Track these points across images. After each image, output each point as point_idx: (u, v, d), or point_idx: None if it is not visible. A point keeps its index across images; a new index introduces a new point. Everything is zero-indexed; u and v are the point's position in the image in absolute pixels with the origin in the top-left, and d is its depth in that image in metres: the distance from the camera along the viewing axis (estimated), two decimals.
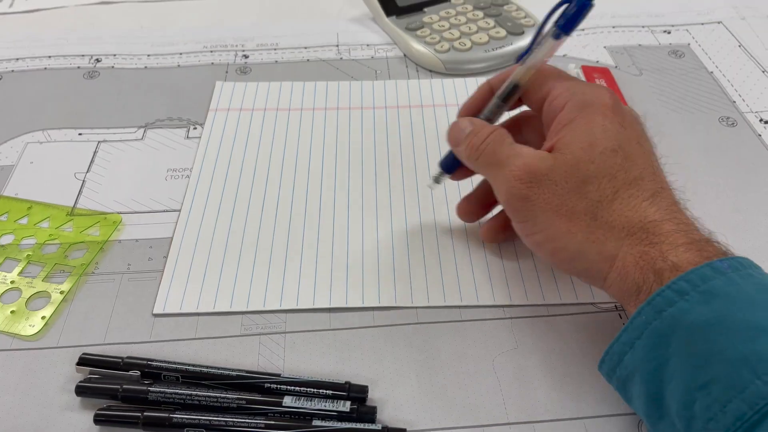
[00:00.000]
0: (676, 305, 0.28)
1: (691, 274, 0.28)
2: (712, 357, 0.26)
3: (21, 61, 0.59)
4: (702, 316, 0.27)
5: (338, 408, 0.33)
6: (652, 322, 0.28)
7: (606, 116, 0.33)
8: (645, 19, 0.63)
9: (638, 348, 0.29)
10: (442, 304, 0.39)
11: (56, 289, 0.40)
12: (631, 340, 0.29)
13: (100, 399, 0.34)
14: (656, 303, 0.28)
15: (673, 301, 0.28)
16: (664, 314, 0.28)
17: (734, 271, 0.28)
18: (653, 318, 0.28)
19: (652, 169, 0.33)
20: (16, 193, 0.46)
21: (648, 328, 0.28)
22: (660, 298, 0.28)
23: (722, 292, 0.27)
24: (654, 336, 0.28)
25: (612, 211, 0.32)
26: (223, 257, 0.42)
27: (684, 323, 0.27)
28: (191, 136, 0.51)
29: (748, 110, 0.53)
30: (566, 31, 0.33)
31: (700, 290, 0.27)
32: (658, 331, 0.28)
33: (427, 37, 0.58)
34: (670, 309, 0.28)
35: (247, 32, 0.63)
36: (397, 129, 0.51)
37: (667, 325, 0.28)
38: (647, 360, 0.28)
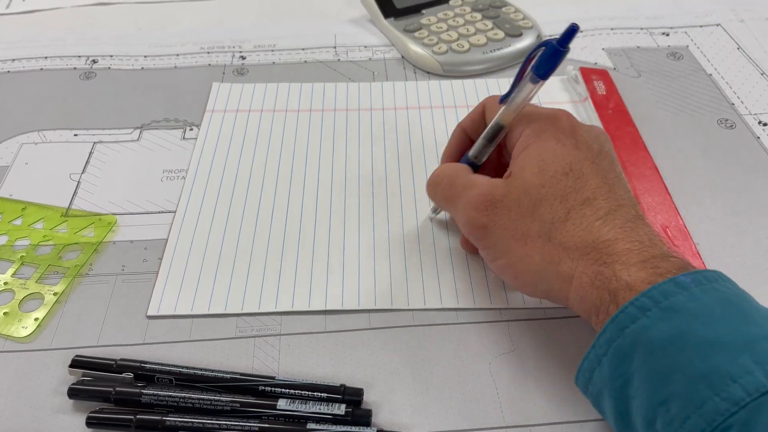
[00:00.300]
0: (638, 322, 0.27)
1: (653, 290, 0.28)
2: (672, 373, 0.26)
3: (17, 61, 0.59)
4: (662, 333, 0.27)
5: (333, 411, 0.33)
6: (616, 339, 0.28)
7: (558, 139, 0.34)
8: (643, 21, 0.63)
9: (605, 365, 0.29)
10: (438, 307, 0.39)
11: (50, 291, 0.40)
12: (599, 357, 0.29)
13: (92, 401, 0.34)
14: (619, 320, 0.28)
15: (635, 318, 0.28)
16: (627, 331, 0.28)
17: (697, 285, 0.28)
18: (617, 335, 0.28)
19: (608, 187, 0.33)
20: (10, 194, 0.46)
21: (612, 345, 0.28)
22: (623, 315, 0.28)
23: (683, 308, 0.27)
24: (618, 353, 0.28)
25: (565, 232, 0.32)
26: (218, 259, 0.42)
27: (645, 340, 0.27)
28: (187, 137, 0.51)
29: (746, 112, 0.52)
30: (542, 77, 0.34)
31: (661, 306, 0.27)
32: (621, 348, 0.28)
33: (424, 38, 0.58)
34: (632, 326, 0.28)
35: (245, 33, 0.63)
36: (395, 131, 0.51)
37: (629, 342, 0.28)
38: (613, 377, 0.28)
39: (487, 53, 0.57)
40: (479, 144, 0.38)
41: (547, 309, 0.39)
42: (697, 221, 0.44)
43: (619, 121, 0.50)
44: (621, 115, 0.51)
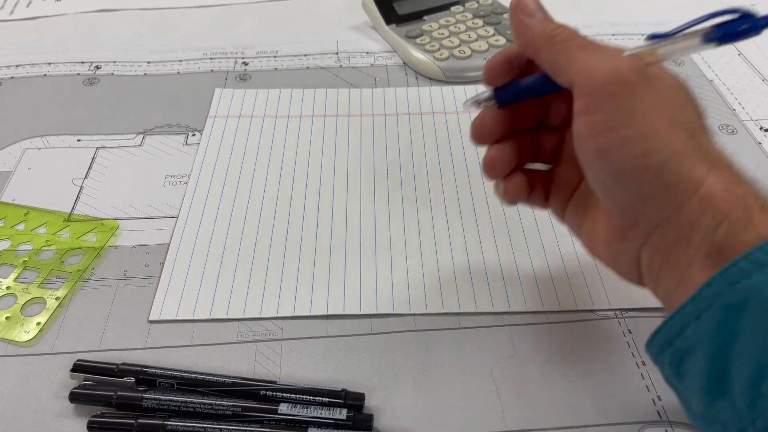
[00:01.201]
0: (753, 277, 0.25)
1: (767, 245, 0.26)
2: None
3: (21, 67, 0.59)
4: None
5: (334, 416, 0.33)
6: (724, 294, 0.26)
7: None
8: (645, 28, 0.63)
9: (705, 320, 0.26)
10: (440, 311, 0.39)
11: (52, 295, 0.40)
12: (698, 311, 0.27)
13: (94, 406, 0.34)
14: (730, 274, 0.26)
15: (749, 273, 0.25)
16: (738, 287, 0.25)
17: None
18: (725, 290, 0.26)
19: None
20: (13, 199, 0.46)
21: (719, 299, 0.26)
22: (734, 269, 0.26)
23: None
24: (725, 309, 0.26)
25: (703, 139, 0.29)
26: (220, 264, 0.42)
27: (760, 298, 0.25)
28: (190, 142, 0.51)
29: (748, 118, 0.52)
30: (721, 41, 0.29)
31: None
32: (730, 304, 0.26)
33: (426, 44, 0.59)
34: (745, 281, 0.25)
35: (247, 40, 0.63)
36: (396, 136, 0.51)
37: (742, 299, 0.25)
38: (715, 334, 0.26)
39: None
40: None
41: (549, 314, 0.39)
42: None
43: None
44: None
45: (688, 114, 0.29)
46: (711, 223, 0.27)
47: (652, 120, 0.28)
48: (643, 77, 0.29)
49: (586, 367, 0.36)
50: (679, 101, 0.30)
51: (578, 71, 0.30)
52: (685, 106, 0.30)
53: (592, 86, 0.29)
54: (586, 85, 0.29)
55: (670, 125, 0.28)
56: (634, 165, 0.28)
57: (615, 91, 0.29)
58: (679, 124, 0.29)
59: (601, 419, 0.34)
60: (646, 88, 0.29)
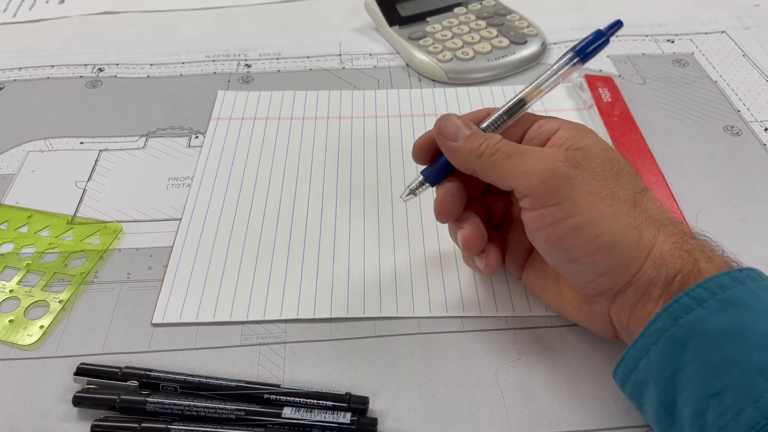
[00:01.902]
0: (694, 313, 0.28)
1: (709, 282, 0.28)
2: (728, 366, 0.26)
3: (24, 70, 0.59)
4: (719, 325, 0.27)
5: (338, 419, 0.33)
6: (669, 329, 0.28)
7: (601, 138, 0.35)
8: (648, 29, 0.63)
9: (653, 354, 0.28)
10: (444, 315, 0.39)
11: (55, 298, 0.40)
12: (647, 345, 0.29)
13: (97, 409, 0.34)
14: (674, 310, 0.28)
15: (690, 309, 0.28)
16: (681, 321, 0.28)
17: (753, 281, 0.28)
18: (670, 324, 0.28)
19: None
20: (16, 202, 0.46)
21: (664, 334, 0.28)
22: (677, 304, 0.28)
23: (740, 301, 0.27)
24: (670, 342, 0.28)
25: (646, 203, 0.32)
26: (223, 266, 0.42)
27: (701, 331, 0.27)
28: (193, 144, 0.51)
29: (752, 119, 0.52)
30: (582, 59, 0.35)
31: (718, 298, 0.27)
32: (674, 338, 0.28)
33: (429, 46, 0.58)
34: (687, 316, 0.28)
35: (250, 42, 0.63)
36: (400, 138, 0.51)
37: (684, 333, 0.28)
38: (662, 366, 0.28)
39: (492, 61, 0.57)
40: (496, 117, 0.36)
41: (553, 317, 0.38)
42: (704, 228, 0.43)
43: (624, 128, 0.50)
44: (626, 122, 0.51)
45: (624, 183, 0.32)
46: (666, 279, 0.29)
47: (593, 203, 0.31)
48: (574, 167, 0.31)
49: (591, 370, 0.36)
50: (612, 174, 0.32)
51: (515, 179, 0.32)
52: (620, 177, 0.32)
53: (531, 189, 0.32)
54: (526, 189, 0.32)
55: (612, 203, 0.31)
56: (586, 249, 0.31)
57: (553, 186, 0.31)
58: (619, 198, 0.31)
59: (606, 423, 0.34)
60: (579, 175, 0.31)
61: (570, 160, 0.32)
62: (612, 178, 0.32)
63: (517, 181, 0.32)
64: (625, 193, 0.32)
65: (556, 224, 0.31)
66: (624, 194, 0.31)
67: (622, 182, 0.32)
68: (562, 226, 0.31)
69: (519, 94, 0.36)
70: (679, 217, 0.43)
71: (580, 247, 0.31)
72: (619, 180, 0.32)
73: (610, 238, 0.30)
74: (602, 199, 0.31)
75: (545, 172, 0.31)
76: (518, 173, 0.32)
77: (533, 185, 0.31)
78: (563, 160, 0.31)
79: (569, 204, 0.31)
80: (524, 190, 0.32)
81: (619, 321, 0.32)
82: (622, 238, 0.30)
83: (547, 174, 0.31)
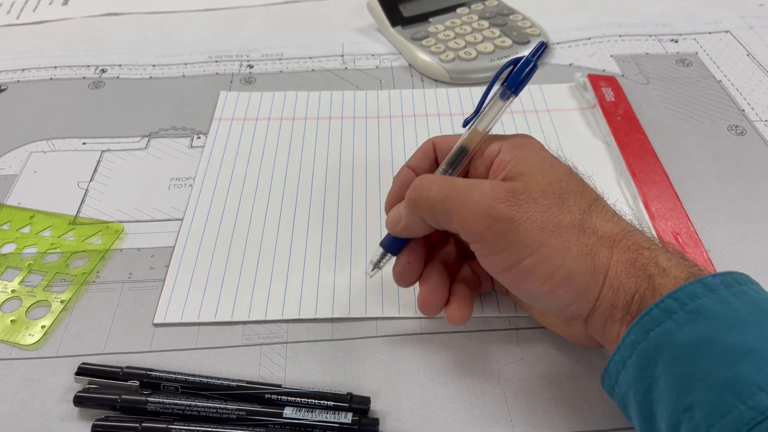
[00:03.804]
0: (663, 325, 0.27)
1: (679, 292, 0.27)
2: (697, 380, 0.25)
3: (27, 71, 0.59)
4: (687, 337, 0.26)
5: (340, 420, 0.33)
6: (641, 342, 0.27)
7: (545, 150, 0.34)
8: (652, 29, 0.63)
9: (629, 368, 0.28)
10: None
11: (57, 298, 0.40)
12: (624, 359, 0.28)
13: (98, 409, 0.34)
14: (644, 322, 0.28)
15: (660, 321, 0.27)
16: (652, 334, 0.27)
17: (727, 287, 0.27)
18: (641, 338, 0.27)
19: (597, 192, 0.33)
20: (19, 202, 0.46)
21: (637, 348, 0.28)
22: (648, 317, 0.28)
23: (710, 312, 0.26)
24: (642, 356, 0.27)
25: (594, 221, 0.31)
26: (225, 267, 0.41)
27: (670, 344, 0.27)
28: (195, 145, 0.51)
29: (757, 119, 0.52)
30: (515, 92, 0.33)
31: (687, 309, 0.27)
32: (645, 352, 0.27)
33: (432, 46, 0.58)
34: (657, 329, 0.27)
35: (253, 43, 0.63)
36: (402, 138, 0.51)
37: (654, 346, 0.27)
38: (638, 380, 0.28)
39: (495, 61, 0.57)
40: (441, 170, 0.35)
41: None
42: (708, 228, 0.43)
43: (628, 128, 0.50)
44: (630, 121, 0.51)
45: (570, 205, 0.31)
46: (625, 300, 0.29)
47: (542, 240, 0.30)
48: (516, 204, 0.30)
49: (594, 371, 0.35)
50: (555, 200, 0.31)
51: (458, 224, 0.31)
52: (564, 200, 0.31)
53: (476, 236, 0.31)
54: (471, 236, 0.31)
55: (560, 234, 0.30)
56: (545, 288, 0.30)
57: (498, 231, 0.30)
58: (565, 227, 0.30)
59: (610, 423, 0.33)
60: (522, 213, 0.30)
61: (510, 197, 0.30)
62: (556, 204, 0.31)
63: (461, 228, 0.31)
64: (572, 217, 0.30)
65: (510, 269, 0.31)
66: (570, 220, 0.30)
67: (566, 206, 0.31)
68: (517, 270, 0.30)
69: (459, 142, 0.35)
70: (665, 221, 0.42)
71: (538, 287, 0.30)
72: (564, 204, 0.31)
73: (564, 272, 0.30)
74: (550, 233, 0.30)
75: (488, 218, 0.30)
76: (459, 220, 0.31)
77: (478, 233, 0.31)
78: (503, 200, 0.30)
79: (518, 247, 0.30)
80: (469, 237, 0.31)
81: (596, 339, 0.32)
82: (576, 268, 0.30)
83: (489, 220, 0.30)
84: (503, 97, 0.34)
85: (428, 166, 0.37)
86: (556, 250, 0.30)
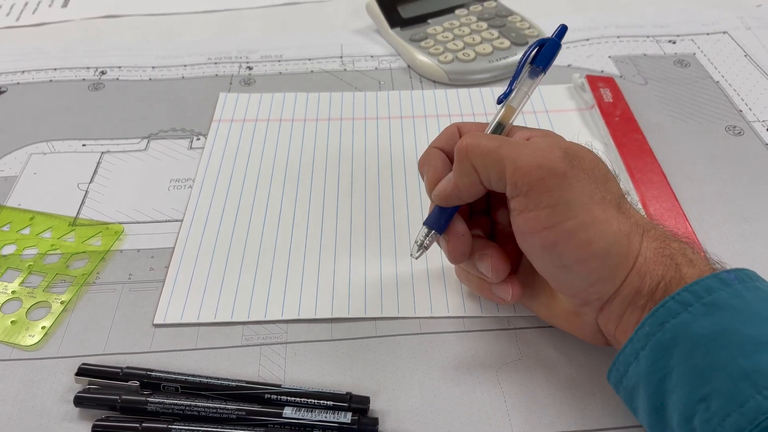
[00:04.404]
0: (679, 317, 0.27)
1: (695, 285, 0.28)
2: (713, 370, 0.26)
3: (27, 73, 0.59)
4: (704, 329, 0.27)
5: (339, 419, 0.33)
6: (656, 334, 0.28)
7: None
8: (650, 30, 0.63)
9: (642, 359, 0.28)
10: (445, 315, 0.39)
11: (57, 299, 0.40)
12: (636, 351, 0.29)
13: (98, 409, 0.34)
14: (659, 314, 0.28)
15: (676, 313, 0.27)
16: (667, 326, 0.27)
17: (741, 282, 0.28)
18: (656, 330, 0.28)
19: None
20: (19, 204, 0.46)
21: (651, 339, 0.28)
22: (663, 309, 0.28)
23: (726, 305, 0.27)
24: (657, 348, 0.28)
25: (629, 208, 0.32)
26: (224, 267, 0.42)
27: (686, 335, 0.27)
28: (194, 146, 0.51)
29: (755, 119, 0.52)
30: (544, 69, 0.35)
31: (703, 302, 0.27)
32: (660, 343, 0.28)
33: (431, 48, 0.58)
34: (672, 320, 0.27)
35: (252, 44, 0.63)
36: (401, 139, 0.51)
37: (670, 337, 0.27)
38: (651, 372, 0.28)
39: (493, 62, 0.57)
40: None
41: None
42: (706, 228, 0.43)
43: (626, 128, 0.50)
44: (628, 122, 0.51)
45: (611, 187, 0.31)
46: (650, 286, 0.29)
47: (588, 206, 0.29)
48: (570, 164, 0.30)
49: (593, 370, 0.36)
50: (602, 177, 0.31)
51: (510, 173, 0.30)
52: (607, 180, 0.31)
53: (526, 186, 0.30)
54: (521, 186, 0.30)
55: (604, 207, 0.30)
56: (580, 255, 0.30)
57: (550, 185, 0.29)
58: (608, 202, 0.30)
59: (608, 423, 0.33)
60: (574, 175, 0.30)
61: (567, 156, 0.30)
62: (602, 182, 0.31)
63: (512, 176, 0.30)
64: (612, 197, 0.31)
65: (550, 228, 0.30)
66: (612, 198, 0.31)
67: (608, 187, 0.31)
68: (557, 230, 0.30)
69: (496, 118, 0.35)
70: (663, 221, 0.42)
71: (574, 252, 0.30)
72: (607, 184, 0.31)
73: (603, 245, 0.29)
74: (595, 203, 0.30)
75: (542, 169, 0.29)
76: (512, 167, 0.30)
77: (529, 182, 0.30)
78: (561, 156, 0.30)
79: (564, 206, 0.29)
80: (519, 187, 0.30)
81: (607, 330, 0.32)
82: (613, 245, 0.29)
83: (543, 171, 0.29)
84: (533, 75, 0.35)
85: (454, 145, 0.34)
86: (600, 221, 0.29)
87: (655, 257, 0.30)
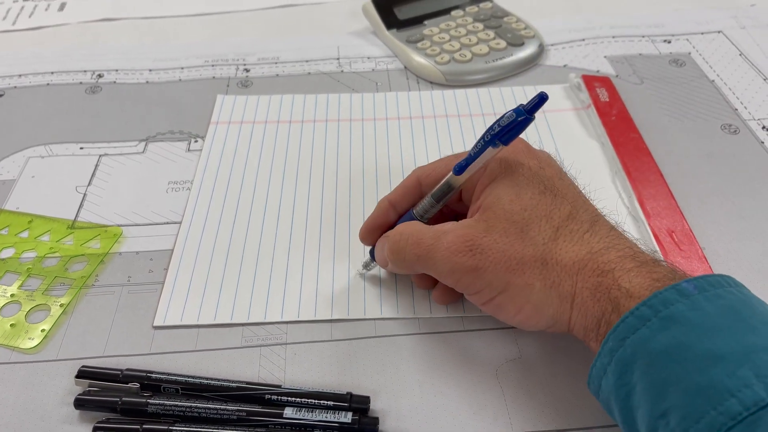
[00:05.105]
0: (638, 332, 0.27)
1: (653, 299, 0.28)
2: (670, 386, 0.26)
3: (24, 77, 0.59)
4: (660, 345, 0.27)
5: (340, 419, 0.33)
6: (618, 350, 0.28)
7: (524, 163, 0.34)
8: (645, 30, 0.63)
9: (609, 374, 0.29)
10: (444, 314, 0.39)
11: (56, 302, 0.40)
12: (604, 366, 0.29)
13: (99, 412, 0.34)
14: (620, 330, 0.28)
15: (635, 328, 0.28)
16: (627, 341, 0.28)
17: (701, 292, 0.27)
18: (618, 346, 0.28)
19: (582, 200, 0.34)
20: (17, 207, 0.46)
21: (615, 355, 0.28)
22: (623, 324, 0.28)
23: (683, 318, 0.27)
24: (620, 363, 0.28)
25: (558, 250, 0.32)
26: (223, 269, 0.42)
27: (645, 351, 0.27)
28: (192, 148, 0.51)
29: (750, 118, 0.52)
30: (505, 143, 0.32)
31: (660, 316, 0.27)
32: (622, 359, 0.28)
33: (427, 49, 0.59)
34: (632, 336, 0.27)
35: (249, 46, 0.63)
36: (398, 140, 0.51)
37: (630, 353, 0.27)
38: (617, 387, 0.28)
39: (490, 62, 0.57)
40: (426, 203, 0.37)
41: None
42: (703, 225, 0.43)
43: (622, 128, 0.50)
44: (624, 121, 0.51)
45: (532, 236, 0.32)
46: (595, 323, 0.30)
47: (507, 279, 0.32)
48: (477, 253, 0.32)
49: None
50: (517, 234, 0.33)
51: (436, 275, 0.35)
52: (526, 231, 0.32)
53: (451, 283, 0.34)
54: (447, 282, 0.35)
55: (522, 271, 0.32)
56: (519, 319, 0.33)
57: (466, 281, 0.33)
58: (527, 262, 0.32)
59: (608, 421, 0.33)
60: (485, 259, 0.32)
61: (471, 249, 0.32)
62: (518, 240, 0.32)
63: (439, 277, 0.35)
64: (534, 251, 0.32)
65: (487, 304, 0.34)
66: (533, 253, 0.32)
67: (528, 238, 0.32)
68: (492, 306, 0.33)
69: (446, 178, 0.35)
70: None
71: (514, 317, 0.33)
72: (525, 237, 0.32)
73: (531, 306, 0.32)
74: (513, 271, 0.32)
75: (455, 273, 0.33)
76: (434, 274, 0.35)
77: (452, 283, 0.34)
78: (464, 253, 0.32)
79: (487, 289, 0.33)
80: (449, 284, 0.35)
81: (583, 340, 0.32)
82: (542, 301, 0.32)
83: (457, 274, 0.33)
84: (495, 145, 0.33)
85: (409, 201, 0.38)
86: (521, 288, 0.32)
87: (591, 295, 0.30)
